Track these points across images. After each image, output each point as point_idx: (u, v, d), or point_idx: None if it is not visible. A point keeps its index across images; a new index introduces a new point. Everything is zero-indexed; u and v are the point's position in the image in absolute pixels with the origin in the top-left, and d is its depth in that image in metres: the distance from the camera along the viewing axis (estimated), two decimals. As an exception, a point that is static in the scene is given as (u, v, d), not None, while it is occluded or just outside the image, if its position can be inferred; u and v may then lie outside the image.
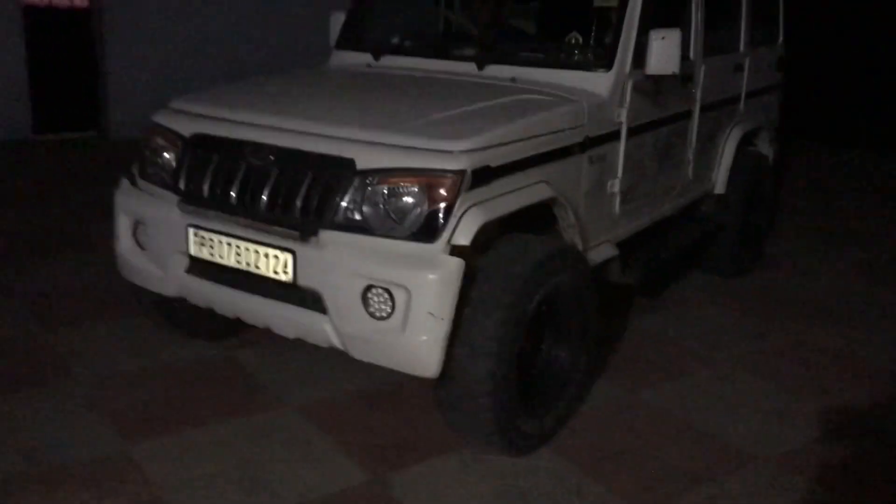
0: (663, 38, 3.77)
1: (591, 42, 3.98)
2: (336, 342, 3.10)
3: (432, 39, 4.30)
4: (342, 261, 3.00)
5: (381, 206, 2.99)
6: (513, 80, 3.86)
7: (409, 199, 2.96)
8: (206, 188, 3.32)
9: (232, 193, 3.24)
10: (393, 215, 2.98)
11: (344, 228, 3.03)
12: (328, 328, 3.09)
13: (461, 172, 2.93)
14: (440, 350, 2.91)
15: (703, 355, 4.33)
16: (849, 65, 10.48)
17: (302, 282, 3.10)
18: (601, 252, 3.86)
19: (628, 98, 3.84)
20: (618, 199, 3.98)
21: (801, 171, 8.93)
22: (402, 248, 2.96)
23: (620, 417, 3.66)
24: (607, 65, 3.79)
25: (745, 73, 5.29)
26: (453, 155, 2.96)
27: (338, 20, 4.67)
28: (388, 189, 2.98)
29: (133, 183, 3.71)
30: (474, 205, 2.98)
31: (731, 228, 5.24)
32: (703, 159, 4.94)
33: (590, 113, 3.62)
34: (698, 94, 4.62)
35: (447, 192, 2.92)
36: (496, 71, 3.97)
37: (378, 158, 3.01)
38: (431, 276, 2.86)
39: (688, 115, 4.61)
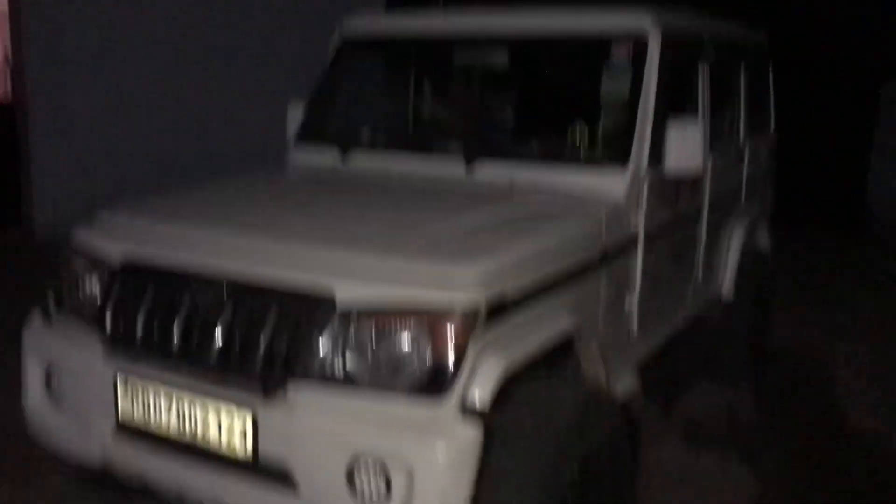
0: (684, 129, 3.23)
1: (600, 135, 3.41)
2: (310, 529, 2.37)
3: (409, 132, 3.70)
4: (318, 425, 2.30)
5: (370, 352, 2.31)
6: (510, 184, 3.26)
7: (405, 345, 2.29)
8: (139, 330, 2.60)
9: (173, 338, 2.52)
10: (384, 365, 2.30)
11: (321, 382, 2.34)
12: (300, 512, 2.37)
13: (474, 306, 2.28)
14: (456, 547, 2.20)
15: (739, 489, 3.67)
16: (810, 148, 10.26)
17: (265, 454, 2.38)
18: (624, 384, 3.21)
19: (645, 200, 3.27)
20: (636, 318, 3.36)
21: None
22: (400, 409, 2.27)
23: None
24: (622, 161, 3.21)
25: (745, 163, 4.79)
26: (462, 283, 2.31)
27: (296, 111, 4.04)
28: (378, 330, 2.31)
29: (47, 316, 2.97)
30: (491, 348, 2.32)
31: (741, 337, 4.67)
32: (709, 262, 4.38)
33: (607, 220, 3.03)
34: (707, 190, 4.08)
35: (457, 332, 2.25)
36: (488, 169, 3.37)
37: (363, 290, 2.34)
38: (441, 452, 2.16)
39: (697, 213, 4.05)
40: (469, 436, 2.20)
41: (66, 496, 3.48)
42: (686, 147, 3.24)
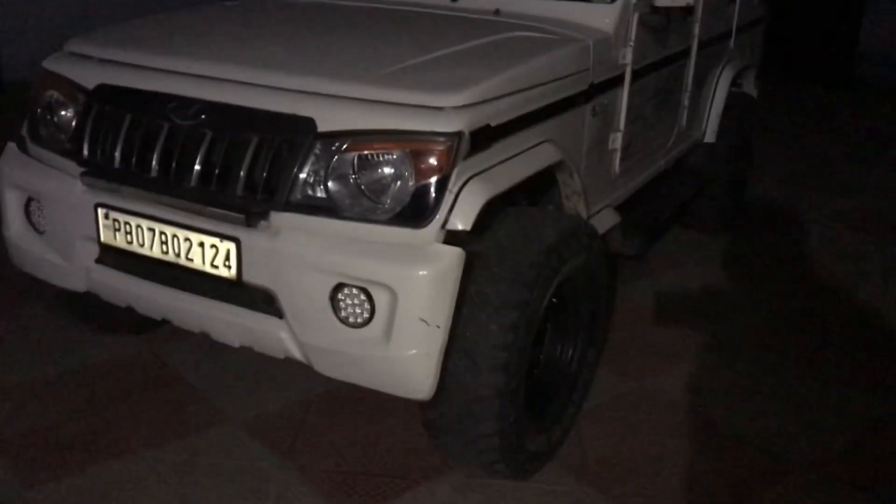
0: (674, -38, 3.12)
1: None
2: (296, 353, 2.43)
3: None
4: (302, 252, 2.31)
5: (352, 179, 2.30)
6: (496, 11, 3.17)
7: (389, 171, 2.27)
8: (117, 157, 2.56)
9: (152, 164, 2.49)
10: (368, 192, 2.29)
11: (303, 210, 2.33)
12: (285, 336, 2.42)
13: (457, 134, 2.25)
14: (435, 366, 2.27)
15: (705, 331, 3.78)
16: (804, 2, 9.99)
17: (249, 278, 2.40)
18: (604, 220, 3.24)
19: (633, 34, 3.19)
20: (618, 157, 3.35)
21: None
22: (383, 235, 2.28)
23: (629, 419, 3.09)
24: (608, -6, 3.12)
25: (737, 5, 4.66)
26: (445, 112, 2.27)
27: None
28: (361, 158, 2.29)
29: (23, 148, 2.92)
30: (473, 176, 2.31)
31: (722, 180, 4.69)
32: (694, 104, 4.33)
33: (594, 53, 2.97)
34: (697, 29, 3.98)
35: (439, 160, 2.24)
36: (470, 1, 3.27)
37: (346, 117, 2.30)
38: (423, 273, 2.20)
39: (685, 53, 3.97)
40: (450, 260, 2.22)
41: (49, 325, 3.52)
42: (678, -21, 3.14)
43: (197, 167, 2.42)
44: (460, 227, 2.25)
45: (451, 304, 2.24)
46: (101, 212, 2.59)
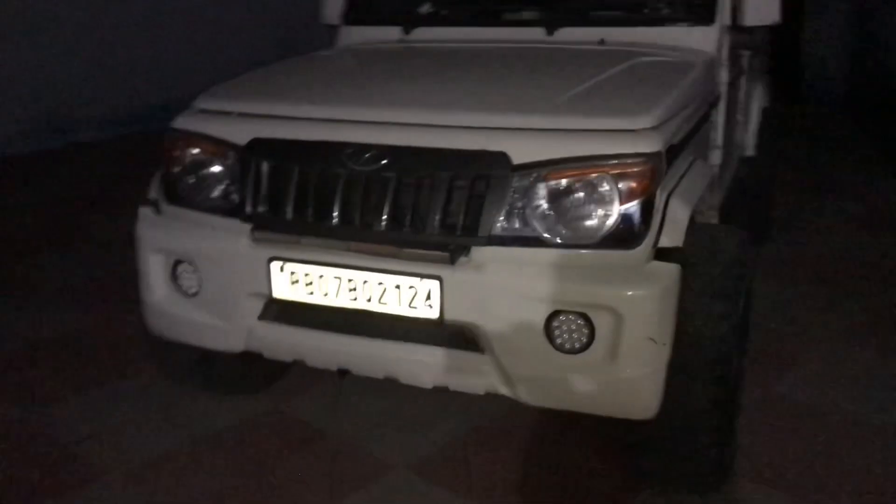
0: (765, -18, 3.27)
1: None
2: (499, 387, 2.43)
3: (474, 4, 3.61)
4: (512, 284, 2.32)
5: (555, 208, 2.33)
6: (601, 41, 3.26)
7: (594, 196, 2.31)
8: (289, 209, 2.53)
9: (333, 212, 2.47)
10: (573, 218, 2.32)
11: (507, 242, 2.35)
12: (487, 370, 2.42)
13: (658, 154, 2.31)
14: (662, 384, 2.30)
15: (793, 335, 3.90)
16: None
17: (451, 316, 2.39)
18: None
19: (726, 54, 3.33)
20: (717, 166, 3.47)
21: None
22: (593, 259, 2.31)
23: (776, 422, 3.16)
24: (709, 17, 3.25)
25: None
26: (640, 134, 2.33)
27: (333, -9, 3.87)
28: (563, 185, 2.32)
29: (157, 210, 2.86)
30: (671, 193, 2.38)
31: (763, 192, 4.88)
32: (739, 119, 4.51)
33: (707, 72, 3.09)
34: (753, 43, 4.16)
35: (644, 181, 2.29)
36: (568, 35, 3.35)
37: (539, 148, 2.34)
38: (649, 292, 2.24)
39: (742, 69, 4.15)
40: (671, 277, 2.27)
41: (164, 392, 3.42)
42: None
43: (386, 211, 2.41)
44: (672, 244, 2.31)
45: (673, 320, 2.28)
46: (275, 265, 2.54)
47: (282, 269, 2.54)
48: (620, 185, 2.28)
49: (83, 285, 4.61)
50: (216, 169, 2.72)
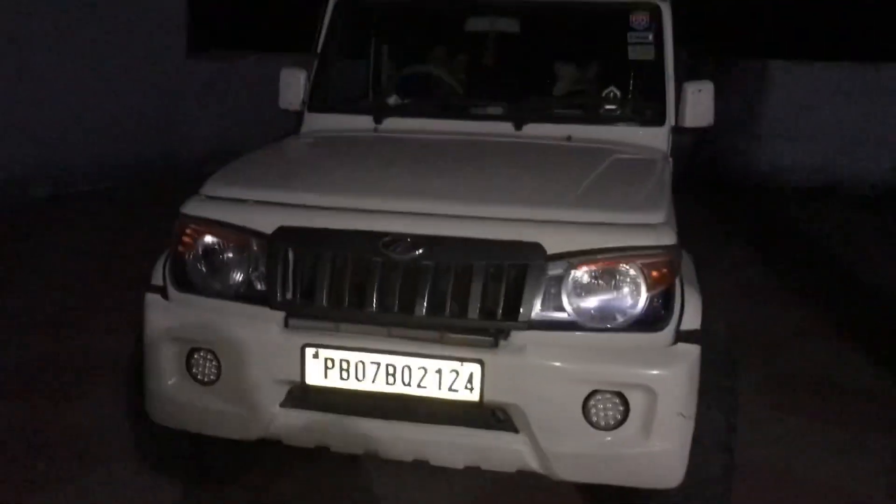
0: (699, 90, 3.68)
1: (630, 96, 3.79)
2: (532, 464, 2.58)
3: (444, 98, 3.82)
4: (553, 366, 2.50)
5: (588, 294, 2.54)
6: (569, 137, 3.56)
7: (624, 284, 2.55)
8: (323, 296, 2.60)
9: (372, 299, 2.57)
10: (605, 305, 2.54)
11: (545, 326, 2.53)
12: (522, 449, 2.57)
13: (676, 247, 2.59)
14: (688, 455, 2.53)
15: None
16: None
17: (491, 397, 2.53)
18: None
19: (669, 152, 3.72)
20: None
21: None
22: (623, 342, 2.54)
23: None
24: (661, 119, 3.63)
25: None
26: (659, 228, 2.61)
27: (293, 78, 3.97)
28: (595, 274, 2.55)
29: (166, 299, 2.83)
30: (684, 281, 2.66)
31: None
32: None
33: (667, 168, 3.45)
34: None
35: (667, 270, 2.55)
36: (534, 130, 3.63)
37: (570, 239, 2.56)
38: (679, 371, 2.48)
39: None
40: (695, 357, 2.53)
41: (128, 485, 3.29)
42: (702, 105, 3.70)
43: (426, 297, 2.54)
44: (692, 327, 2.57)
45: (696, 396, 2.53)
46: (309, 352, 2.59)
47: (316, 355, 2.59)
48: (647, 274, 2.53)
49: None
50: (237, 257, 2.74)
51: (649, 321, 2.53)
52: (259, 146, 3.47)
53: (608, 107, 3.75)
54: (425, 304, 2.53)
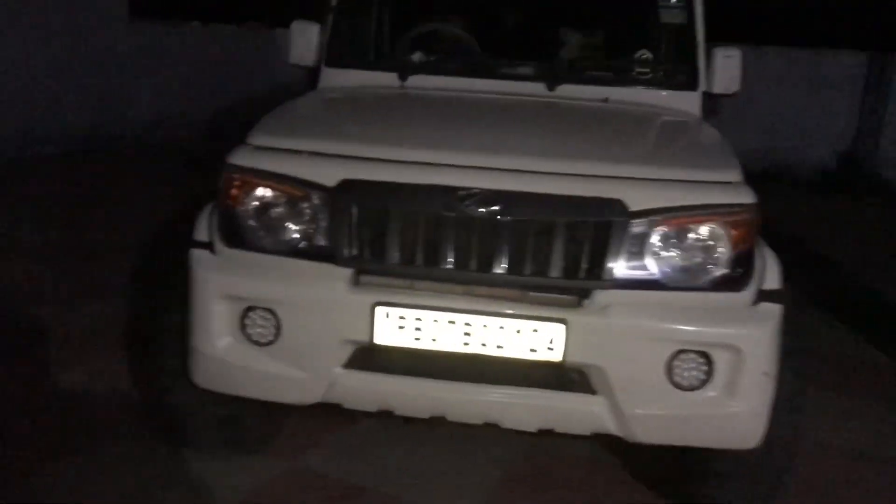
0: (729, 56, 3.67)
1: (668, 60, 3.74)
2: (609, 426, 2.52)
3: (472, 56, 3.68)
4: (638, 325, 2.43)
5: (671, 253, 2.48)
6: (605, 100, 3.48)
7: (708, 242, 2.49)
8: (395, 253, 2.47)
9: (447, 256, 2.45)
10: (688, 263, 2.49)
11: (628, 285, 2.46)
12: (599, 410, 2.50)
13: (756, 205, 2.55)
14: (768, 415, 2.50)
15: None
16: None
17: (572, 358, 2.45)
18: None
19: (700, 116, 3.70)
20: None
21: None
22: (705, 301, 2.49)
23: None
24: (693, 84, 3.59)
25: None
26: (739, 186, 2.56)
27: (306, 32, 3.78)
28: (678, 232, 2.49)
29: (214, 255, 2.65)
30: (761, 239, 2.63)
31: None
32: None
33: (706, 130, 3.43)
34: None
35: (748, 228, 2.51)
36: (568, 91, 3.55)
37: (651, 197, 2.49)
38: (765, 330, 2.45)
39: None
40: (779, 316, 2.50)
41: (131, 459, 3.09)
42: (730, 71, 3.69)
43: (506, 255, 2.44)
44: (774, 286, 2.54)
45: (779, 356, 2.50)
46: (380, 311, 2.46)
47: (387, 314, 2.46)
48: (730, 233, 2.48)
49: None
50: (294, 210, 2.58)
51: (732, 280, 2.49)
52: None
53: (640, 70, 3.68)
54: (505, 261, 2.43)
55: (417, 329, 2.46)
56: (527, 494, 3.03)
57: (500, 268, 2.43)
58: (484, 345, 2.45)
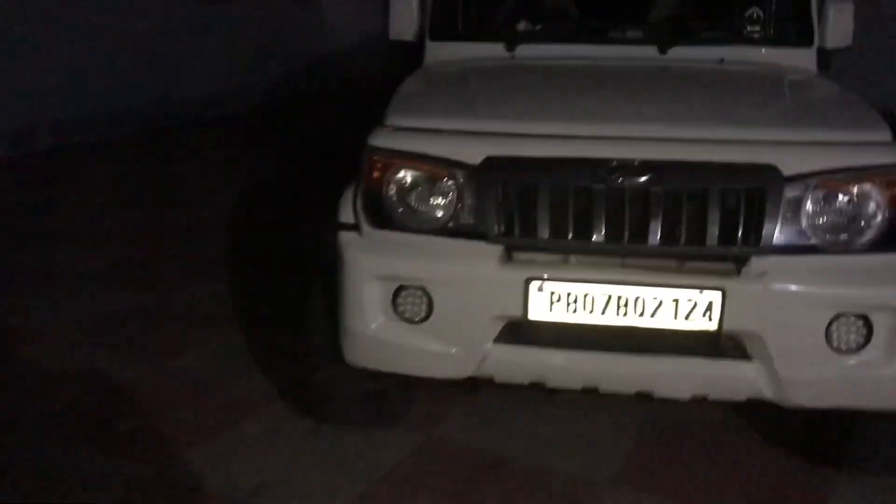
0: (841, 9, 3.59)
1: (781, 18, 3.66)
2: (765, 392, 2.52)
3: (579, 22, 3.64)
4: (797, 291, 2.42)
5: (827, 216, 2.46)
6: (721, 61, 3.43)
7: (863, 204, 2.46)
8: (545, 228, 2.47)
9: (600, 229, 2.45)
10: (844, 226, 2.46)
11: (782, 251, 2.44)
12: (755, 377, 2.50)
13: None
14: (927, 376, 2.49)
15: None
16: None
17: (729, 326, 2.45)
18: None
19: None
20: None
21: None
22: (865, 264, 2.46)
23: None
24: (808, 40, 3.53)
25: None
26: (891, 146, 2.52)
27: (405, 6, 3.75)
28: (834, 195, 2.46)
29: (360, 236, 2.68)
30: None
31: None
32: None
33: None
34: None
35: None
36: (680, 53, 3.50)
37: (805, 160, 2.46)
38: (929, 294, 2.42)
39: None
40: (939, 277, 2.47)
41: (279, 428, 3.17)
42: (843, 25, 3.61)
43: (659, 226, 2.43)
44: None
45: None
46: (533, 286, 2.47)
47: (541, 288, 2.48)
48: (886, 193, 2.45)
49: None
50: (439, 189, 2.59)
51: (890, 241, 2.46)
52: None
53: (751, 28, 3.61)
54: (658, 232, 2.43)
55: (572, 303, 2.48)
56: (665, 455, 3.05)
57: (655, 239, 2.43)
58: (640, 316, 2.46)
